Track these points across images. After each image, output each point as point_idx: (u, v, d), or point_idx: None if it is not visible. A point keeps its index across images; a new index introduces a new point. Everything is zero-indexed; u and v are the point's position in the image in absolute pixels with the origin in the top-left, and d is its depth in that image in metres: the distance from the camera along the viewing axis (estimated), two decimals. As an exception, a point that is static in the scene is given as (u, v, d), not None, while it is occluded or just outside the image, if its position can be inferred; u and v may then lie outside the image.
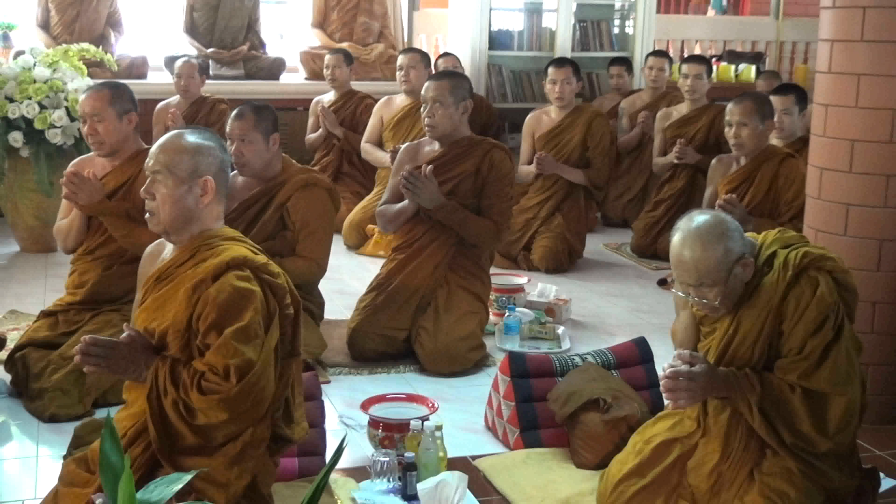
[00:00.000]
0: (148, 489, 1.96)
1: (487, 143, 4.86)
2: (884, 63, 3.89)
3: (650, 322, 5.36)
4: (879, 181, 3.97)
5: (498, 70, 8.50)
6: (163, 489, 1.97)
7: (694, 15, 11.51)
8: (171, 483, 2.00)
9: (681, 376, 2.99)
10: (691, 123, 6.90)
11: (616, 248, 7.09)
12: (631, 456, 3.24)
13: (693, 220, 3.05)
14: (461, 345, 4.57)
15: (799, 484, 3.00)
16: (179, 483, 1.99)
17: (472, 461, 3.66)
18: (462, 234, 4.72)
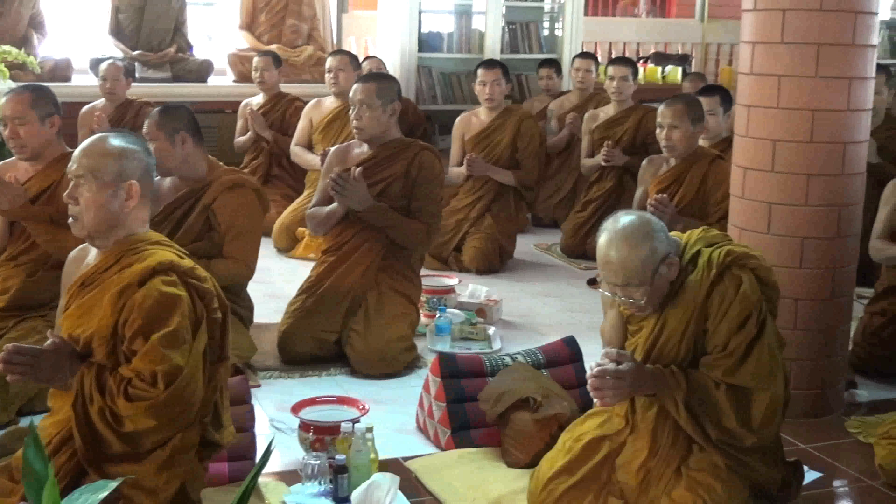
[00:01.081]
0: (73, 497, 1.94)
1: (417, 144, 4.87)
2: (803, 64, 3.97)
3: (581, 321, 5.40)
4: (801, 180, 4.05)
5: (428, 72, 8.51)
6: (88, 497, 1.95)
7: (622, 17, 11.63)
8: (97, 490, 1.98)
9: (608, 374, 3.03)
10: (618, 125, 6.97)
11: (546, 249, 7.14)
12: (561, 454, 3.27)
13: (619, 220, 3.09)
14: (392, 346, 4.57)
15: (725, 478, 3.05)
16: (105, 490, 1.97)
17: (403, 462, 3.66)
18: (392, 236, 4.72)
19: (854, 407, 4.35)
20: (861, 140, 4.11)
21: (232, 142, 7.62)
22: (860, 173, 4.15)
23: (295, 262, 6.49)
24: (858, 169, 4.13)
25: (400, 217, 4.71)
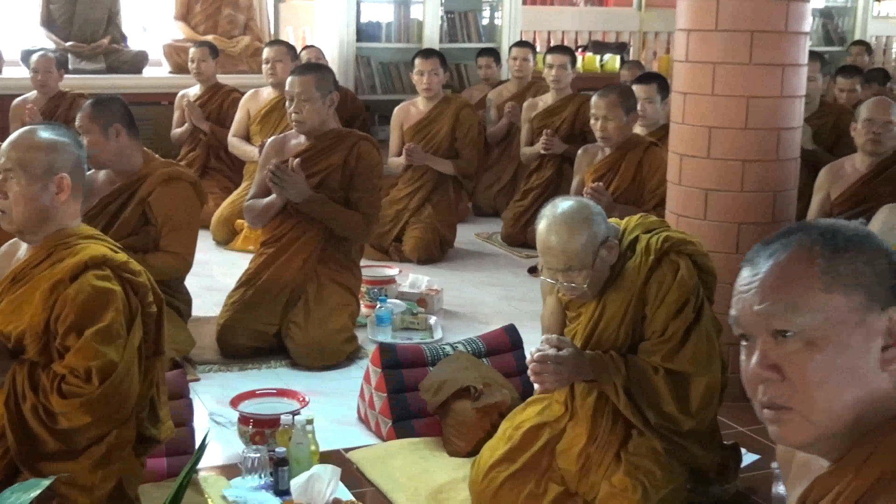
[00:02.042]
0: (3, 497, 1.90)
1: (354, 135, 4.84)
2: (737, 52, 4.01)
3: (522, 310, 5.41)
4: (736, 166, 4.10)
5: (366, 62, 8.47)
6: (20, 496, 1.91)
7: (560, 6, 11.66)
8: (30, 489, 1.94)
9: (548, 360, 3.05)
10: (557, 113, 7.00)
11: (487, 238, 7.15)
12: (501, 442, 3.28)
13: (557, 206, 3.10)
14: (333, 338, 4.54)
15: (664, 462, 3.08)
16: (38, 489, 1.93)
17: (345, 454, 3.65)
18: (331, 227, 4.70)
19: (791, 389, 4.40)
20: (795, 126, 4.16)
21: (168, 134, 7.52)
22: (794, 159, 4.20)
23: (234, 255, 6.43)
24: (792, 155, 4.19)
25: (339, 208, 4.68)
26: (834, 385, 1.43)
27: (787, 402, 1.45)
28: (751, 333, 1.49)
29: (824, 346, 1.43)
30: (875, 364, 1.44)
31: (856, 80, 7.22)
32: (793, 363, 1.44)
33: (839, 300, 1.43)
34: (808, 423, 1.45)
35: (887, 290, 1.46)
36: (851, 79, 7.21)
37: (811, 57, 6.23)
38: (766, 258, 1.49)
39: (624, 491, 3.04)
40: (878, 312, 1.44)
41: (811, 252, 1.46)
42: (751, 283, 1.49)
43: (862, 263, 1.45)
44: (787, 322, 1.44)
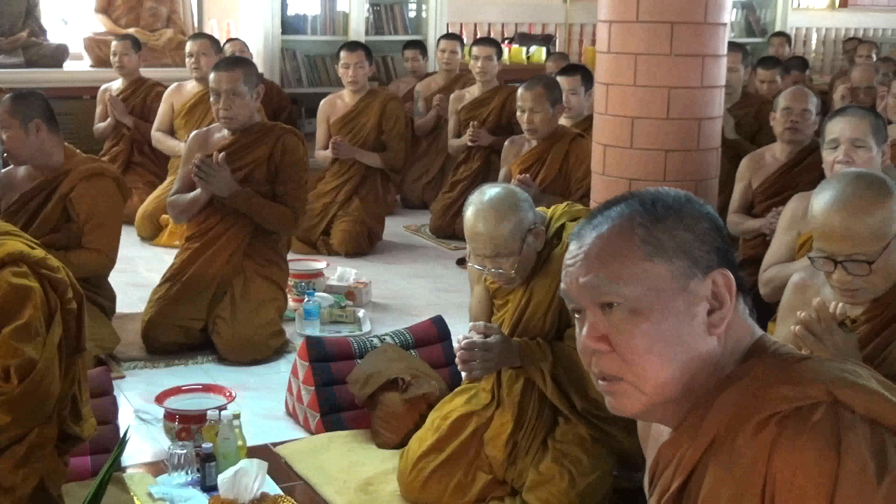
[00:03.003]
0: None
1: (279, 128, 4.81)
2: (658, 43, 4.06)
3: (451, 301, 5.42)
4: (659, 156, 4.15)
5: (292, 55, 8.42)
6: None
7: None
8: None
9: (476, 347, 3.06)
10: (484, 105, 7.02)
11: (416, 230, 7.15)
12: (429, 433, 3.30)
13: (485, 193, 3.12)
14: (260, 332, 4.52)
15: (591, 449, 3.12)
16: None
17: (273, 448, 3.63)
18: (258, 221, 4.66)
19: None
20: (715, 116, 4.23)
21: (91, 129, 7.40)
22: (715, 148, 4.27)
23: (159, 250, 6.36)
24: (713, 144, 4.25)
25: (265, 202, 4.65)
26: (661, 352, 1.43)
27: (617, 373, 1.45)
28: (580, 306, 1.49)
29: (649, 315, 1.43)
30: (702, 329, 1.45)
31: (776, 70, 7.34)
32: (620, 333, 1.44)
33: (661, 268, 1.43)
34: (639, 391, 1.45)
35: (710, 255, 1.46)
36: (772, 70, 7.33)
37: (732, 48, 6.33)
38: (590, 231, 1.49)
39: (551, 478, 3.07)
40: (700, 277, 1.45)
41: (632, 222, 1.46)
42: (576, 256, 1.49)
43: (682, 230, 1.45)
44: (612, 293, 1.44)
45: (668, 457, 1.49)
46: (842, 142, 3.51)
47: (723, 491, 1.38)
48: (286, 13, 8.36)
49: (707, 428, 1.42)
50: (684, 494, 1.45)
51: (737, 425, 1.39)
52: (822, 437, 1.33)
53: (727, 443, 1.39)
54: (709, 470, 1.41)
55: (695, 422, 1.44)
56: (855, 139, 3.50)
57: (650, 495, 1.56)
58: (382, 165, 6.57)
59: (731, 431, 1.39)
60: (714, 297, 1.45)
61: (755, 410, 1.38)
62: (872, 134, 3.52)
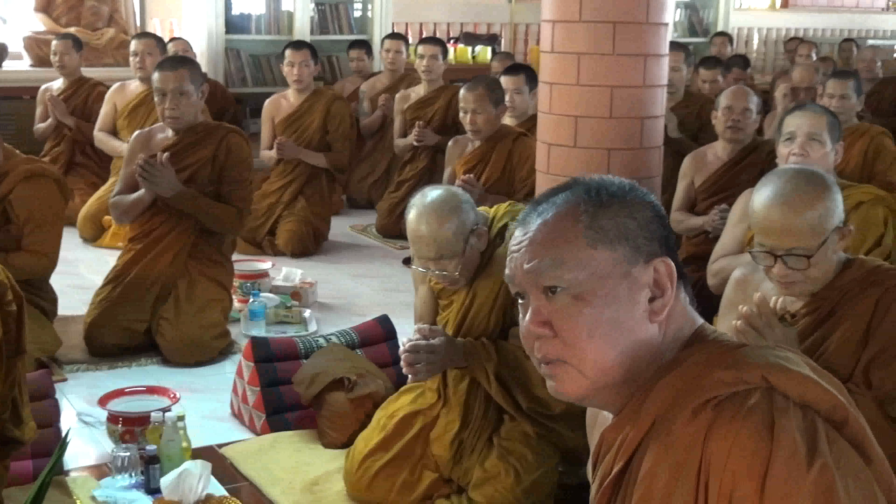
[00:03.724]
0: None
1: (223, 128, 4.78)
2: (601, 42, 4.10)
3: (398, 300, 5.42)
4: (602, 154, 4.19)
5: (236, 54, 8.37)
6: None
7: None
8: None
9: (420, 350, 3.07)
10: (429, 104, 7.03)
11: (362, 230, 7.14)
12: (375, 432, 3.30)
13: (427, 195, 3.13)
14: (204, 333, 4.49)
15: (535, 446, 3.14)
16: None
17: (218, 449, 3.61)
18: (202, 221, 4.63)
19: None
20: (658, 115, 4.27)
21: (31, 129, 7.29)
22: (657, 147, 4.31)
23: (102, 252, 6.28)
24: (656, 143, 4.29)
25: (210, 202, 4.62)
26: (603, 337, 1.45)
27: (559, 356, 1.47)
28: (524, 291, 1.51)
29: (591, 300, 1.45)
30: (643, 315, 1.47)
31: (718, 70, 7.43)
32: (562, 318, 1.46)
33: (604, 254, 1.46)
34: (581, 375, 1.47)
35: (652, 243, 1.49)
36: (714, 69, 7.42)
37: (675, 47, 6.40)
38: (535, 218, 1.51)
39: (497, 475, 3.08)
40: (643, 265, 1.47)
41: (576, 209, 1.48)
42: (521, 242, 1.51)
43: (625, 217, 1.48)
44: (555, 278, 1.46)
45: (610, 441, 1.51)
46: (798, 135, 3.59)
47: (660, 472, 1.40)
48: (230, 12, 8.31)
49: (647, 411, 1.45)
50: (625, 477, 1.48)
51: (675, 409, 1.42)
52: (756, 420, 1.35)
53: (665, 426, 1.42)
54: (648, 452, 1.43)
55: (635, 406, 1.47)
56: (811, 133, 3.57)
57: (593, 480, 1.58)
58: (328, 165, 6.55)
59: (670, 415, 1.42)
60: (656, 284, 1.48)
61: (693, 395, 1.41)
62: (828, 130, 3.60)
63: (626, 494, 1.46)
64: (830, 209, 2.53)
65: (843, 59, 10.19)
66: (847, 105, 5.38)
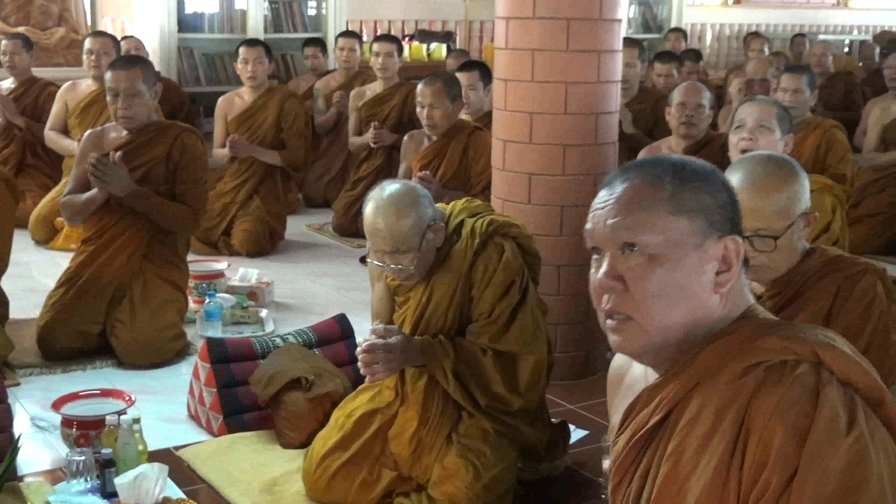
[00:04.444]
0: None
1: (177, 126, 4.74)
2: (555, 39, 4.10)
3: (355, 299, 5.41)
4: (557, 150, 4.19)
5: (189, 53, 8.31)
6: None
7: (386, -5, 11.68)
8: None
9: (377, 349, 3.06)
10: (385, 102, 7.01)
11: (318, 229, 7.11)
12: (334, 431, 3.28)
13: (385, 189, 3.13)
14: (160, 335, 4.45)
15: (494, 442, 3.14)
16: None
17: (175, 452, 3.58)
18: (157, 221, 4.59)
19: (617, 366, 4.53)
20: (612, 111, 4.28)
21: (-19, 131, 7.19)
22: (612, 143, 4.32)
23: (54, 254, 6.21)
24: (611, 138, 4.31)
25: (164, 201, 4.58)
26: (669, 299, 1.58)
27: (627, 311, 1.59)
28: (601, 246, 1.62)
29: (665, 262, 1.57)
30: (708, 285, 1.59)
31: (672, 65, 7.49)
32: (635, 275, 1.58)
33: (682, 223, 1.58)
34: (643, 332, 1.59)
35: (726, 222, 1.61)
36: (668, 64, 7.48)
37: (629, 43, 6.44)
38: (622, 182, 1.63)
39: (456, 472, 3.08)
40: (715, 239, 1.59)
41: (662, 179, 1.60)
42: (606, 201, 1.62)
43: (705, 194, 1.60)
44: (635, 237, 1.58)
45: (651, 398, 1.63)
46: (748, 122, 3.65)
47: (702, 420, 1.53)
48: (183, 11, 8.25)
49: (694, 370, 1.57)
50: (661, 429, 1.60)
51: (724, 367, 1.55)
52: (803, 385, 1.48)
53: (712, 380, 1.55)
54: (691, 403, 1.56)
55: (683, 367, 1.59)
56: (760, 120, 3.64)
57: (618, 438, 1.69)
58: (282, 164, 6.51)
59: (716, 372, 1.55)
60: (724, 259, 1.60)
61: (744, 357, 1.54)
62: (777, 120, 3.66)
63: (661, 443, 1.59)
64: (798, 193, 2.61)
65: (795, 53, 10.32)
66: (801, 99, 5.45)
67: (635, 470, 1.65)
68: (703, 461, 1.51)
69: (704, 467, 1.51)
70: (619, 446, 1.68)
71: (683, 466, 1.53)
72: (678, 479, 1.54)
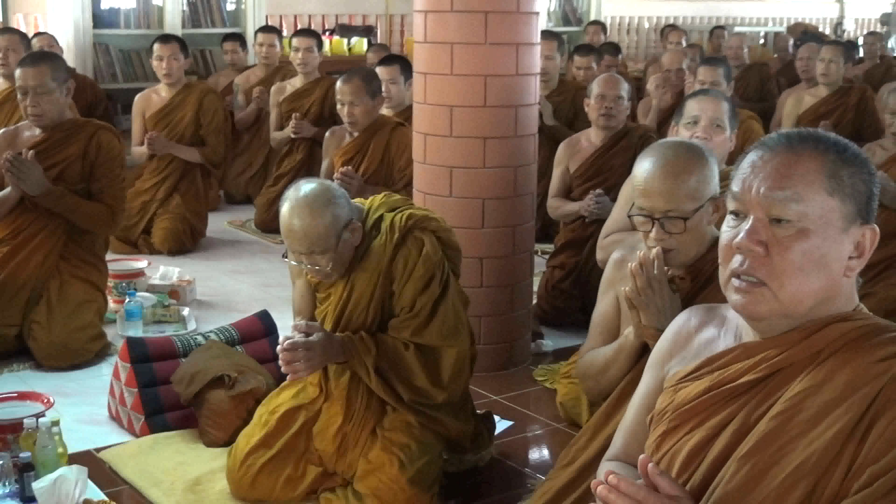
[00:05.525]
0: None
1: (93, 124, 4.67)
2: (473, 32, 4.11)
3: (278, 295, 5.38)
4: (478, 143, 4.20)
5: (105, 49, 8.18)
6: None
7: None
8: None
9: (298, 347, 3.04)
10: (305, 97, 6.98)
11: (240, 226, 7.06)
12: (257, 428, 3.26)
13: (300, 189, 3.10)
14: (79, 336, 4.38)
15: (418, 435, 3.14)
16: None
17: (96, 453, 3.53)
18: (73, 220, 4.52)
19: (541, 357, 4.58)
20: (531, 103, 4.31)
21: None
22: (532, 134, 4.35)
23: (-31, 256, 6.07)
24: (530, 131, 4.33)
25: (80, 200, 4.51)
26: (807, 272, 1.63)
27: (762, 277, 1.64)
28: (748, 210, 1.67)
29: (812, 238, 1.62)
30: (841, 268, 1.66)
31: (591, 57, 7.55)
32: (781, 244, 1.63)
33: (836, 203, 1.63)
34: (775, 299, 1.65)
35: (871, 211, 1.67)
36: (587, 56, 7.54)
37: (548, 36, 6.48)
38: (785, 149, 1.67)
39: (381, 466, 3.08)
40: (858, 226, 1.66)
41: (825, 156, 1.65)
42: (764, 166, 1.67)
43: (860, 180, 1.66)
44: (787, 209, 1.63)
45: (747, 355, 1.70)
46: (702, 120, 3.66)
47: (824, 391, 1.60)
48: (98, 6, 8.12)
49: (814, 342, 1.64)
50: (759, 387, 1.67)
51: (858, 346, 1.62)
52: None
53: (840, 359, 1.62)
54: (810, 372, 1.63)
55: (797, 336, 1.66)
56: (714, 119, 3.66)
57: (683, 384, 1.76)
58: (202, 161, 6.44)
59: (847, 352, 1.62)
60: (858, 246, 1.67)
61: (885, 345, 1.61)
62: (728, 117, 3.69)
63: (757, 400, 1.66)
64: (707, 177, 2.71)
65: (713, 45, 10.47)
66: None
67: (705, 419, 1.70)
68: (821, 426, 1.57)
69: (822, 432, 1.57)
70: (685, 393, 1.75)
71: (793, 427, 1.59)
72: (783, 438, 1.60)
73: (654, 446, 1.78)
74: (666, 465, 1.73)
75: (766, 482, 1.59)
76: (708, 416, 1.71)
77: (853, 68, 8.91)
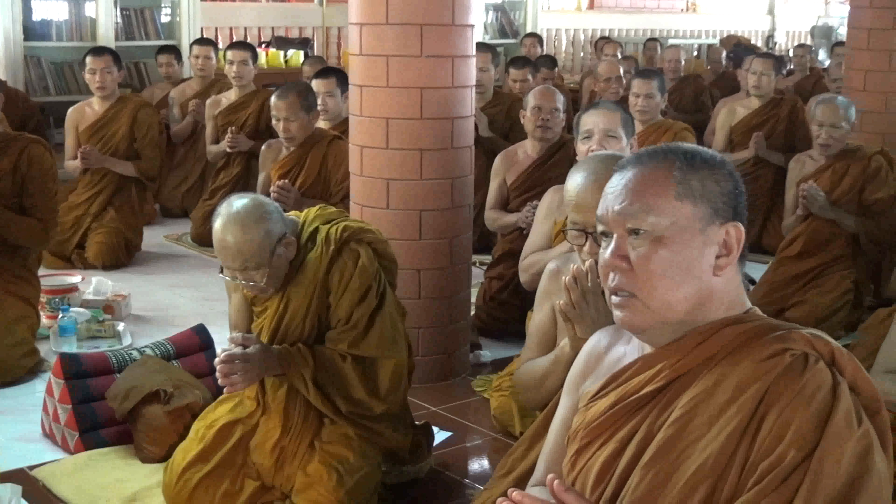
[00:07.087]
0: None
1: (24, 138, 4.60)
2: (409, 44, 4.12)
3: (215, 309, 5.33)
4: (414, 155, 4.22)
5: (37, 61, 8.07)
6: None
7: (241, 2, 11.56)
8: None
9: (235, 359, 3.03)
10: (242, 109, 6.94)
11: (177, 239, 6.99)
12: (194, 443, 3.24)
13: (232, 204, 3.09)
14: (11, 353, 4.30)
15: (357, 447, 3.15)
16: None
17: (29, 472, 3.48)
18: (5, 235, 4.45)
19: (479, 367, 4.60)
20: (467, 115, 4.33)
21: None
22: (469, 146, 4.37)
23: None
24: (467, 142, 4.36)
25: (12, 215, 4.45)
26: (672, 278, 1.68)
27: (631, 289, 1.70)
28: (610, 230, 1.73)
29: (669, 244, 1.68)
30: (709, 268, 1.70)
31: (527, 69, 7.60)
32: (640, 255, 1.69)
33: (687, 208, 1.69)
34: (648, 309, 1.70)
35: (729, 209, 1.71)
36: (523, 69, 7.59)
37: (482, 49, 6.53)
38: (633, 168, 1.74)
39: (319, 479, 3.08)
40: (718, 225, 1.70)
41: (671, 166, 1.71)
42: (615, 186, 1.74)
43: (711, 182, 1.71)
44: (641, 221, 1.69)
45: (646, 367, 1.74)
46: (595, 133, 3.72)
47: (717, 393, 1.64)
48: (29, 18, 8.01)
49: (706, 348, 1.68)
50: (659, 397, 1.71)
51: (746, 348, 1.66)
52: (824, 377, 1.60)
53: (732, 359, 1.66)
54: (703, 377, 1.67)
55: (689, 343, 1.70)
56: (608, 130, 3.72)
57: (593, 403, 1.79)
58: (137, 174, 6.37)
59: (739, 352, 1.66)
60: (724, 244, 1.71)
61: (770, 343, 1.65)
62: (622, 126, 3.76)
63: (657, 410, 1.69)
64: None
65: (647, 57, 10.60)
66: (652, 104, 5.65)
67: (613, 433, 1.73)
68: (714, 429, 1.61)
69: (716, 435, 1.61)
70: (594, 410, 1.78)
71: (690, 433, 1.64)
72: (681, 444, 1.64)
73: (569, 465, 1.81)
74: (581, 482, 1.76)
75: (668, 489, 1.62)
76: (616, 430, 1.74)
77: (784, 80, 9.09)
